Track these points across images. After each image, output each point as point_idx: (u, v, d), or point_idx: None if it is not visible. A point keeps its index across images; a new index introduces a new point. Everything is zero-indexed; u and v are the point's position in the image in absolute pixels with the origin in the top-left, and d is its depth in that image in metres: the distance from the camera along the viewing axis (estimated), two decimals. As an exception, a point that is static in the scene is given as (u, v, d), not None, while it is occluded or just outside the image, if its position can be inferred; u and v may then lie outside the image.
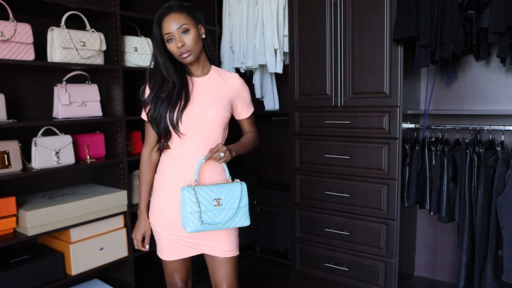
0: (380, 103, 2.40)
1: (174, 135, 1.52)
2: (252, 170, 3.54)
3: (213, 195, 1.47)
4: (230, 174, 1.58)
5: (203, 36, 1.53)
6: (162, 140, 1.56)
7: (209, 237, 1.58)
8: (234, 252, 1.62)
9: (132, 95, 2.65)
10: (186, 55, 1.47)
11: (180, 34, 1.46)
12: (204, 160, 1.48)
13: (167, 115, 1.49)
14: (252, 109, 1.69)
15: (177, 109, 1.49)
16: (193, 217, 1.45)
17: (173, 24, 1.45)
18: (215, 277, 1.63)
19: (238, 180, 1.54)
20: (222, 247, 1.59)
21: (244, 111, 1.66)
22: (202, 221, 1.45)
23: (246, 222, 1.54)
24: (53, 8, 2.09)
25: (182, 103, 1.50)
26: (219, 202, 1.47)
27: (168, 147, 1.58)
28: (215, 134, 1.54)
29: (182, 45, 1.46)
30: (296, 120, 2.75)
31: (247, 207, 1.53)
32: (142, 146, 2.58)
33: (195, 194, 1.45)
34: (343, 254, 2.62)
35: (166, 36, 1.47)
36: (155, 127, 1.53)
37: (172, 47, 1.48)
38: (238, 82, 1.61)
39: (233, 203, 1.49)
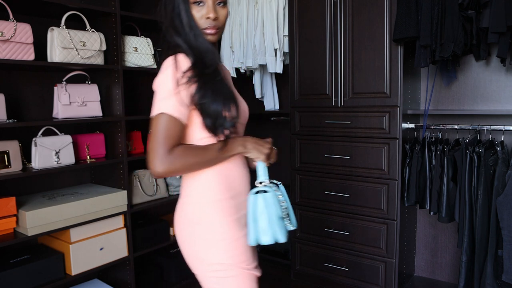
0: (380, 103, 2.40)
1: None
2: (252, 170, 3.54)
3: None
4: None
5: None
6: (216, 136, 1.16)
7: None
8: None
9: (132, 95, 2.66)
10: (214, 31, 1.16)
11: (216, 3, 1.16)
12: (272, 161, 1.26)
13: (228, 108, 1.14)
14: None
15: (231, 101, 1.16)
16: (284, 222, 1.19)
17: None
18: None
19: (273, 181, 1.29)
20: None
21: None
22: (291, 223, 1.20)
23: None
24: (53, 8, 2.09)
25: (233, 94, 1.20)
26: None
27: None
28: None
29: (216, 17, 1.15)
30: (296, 120, 2.75)
31: None
32: (142, 146, 2.60)
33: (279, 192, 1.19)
34: (343, 254, 2.62)
35: None
36: (208, 120, 1.12)
37: (198, 13, 1.14)
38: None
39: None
